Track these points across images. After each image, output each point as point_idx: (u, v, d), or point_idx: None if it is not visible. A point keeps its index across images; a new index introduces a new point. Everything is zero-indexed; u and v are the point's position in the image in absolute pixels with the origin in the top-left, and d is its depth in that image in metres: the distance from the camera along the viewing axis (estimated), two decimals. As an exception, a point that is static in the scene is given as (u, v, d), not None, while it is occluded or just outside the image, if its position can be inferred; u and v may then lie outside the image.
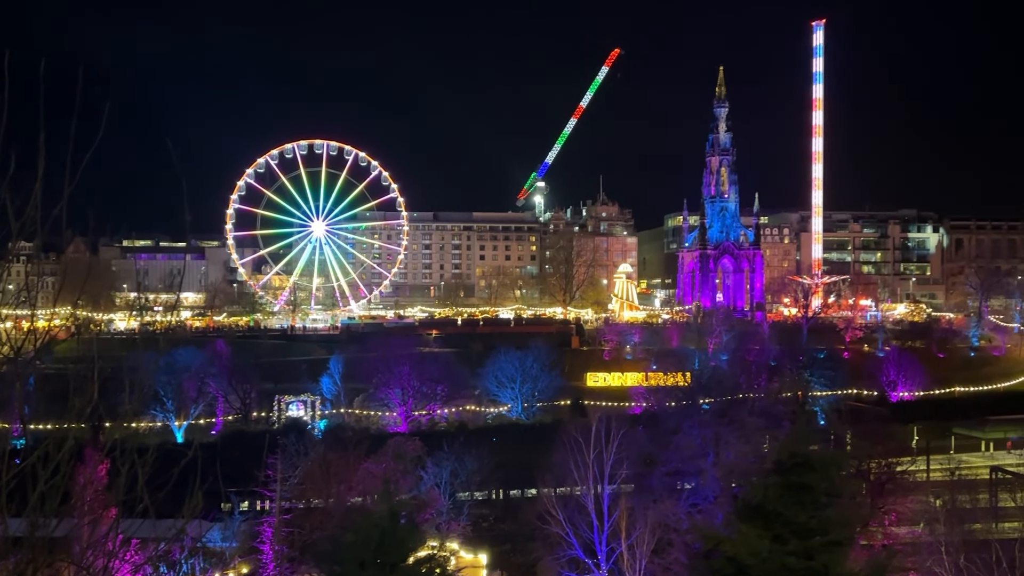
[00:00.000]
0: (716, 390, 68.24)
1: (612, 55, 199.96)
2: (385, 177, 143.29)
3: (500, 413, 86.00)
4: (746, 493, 16.58)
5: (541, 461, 53.46)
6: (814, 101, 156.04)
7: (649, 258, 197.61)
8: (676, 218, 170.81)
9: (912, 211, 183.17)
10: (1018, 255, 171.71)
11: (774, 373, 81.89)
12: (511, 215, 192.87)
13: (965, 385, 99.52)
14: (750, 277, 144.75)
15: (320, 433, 72.22)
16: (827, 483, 17.62)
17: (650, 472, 52.92)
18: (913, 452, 68.35)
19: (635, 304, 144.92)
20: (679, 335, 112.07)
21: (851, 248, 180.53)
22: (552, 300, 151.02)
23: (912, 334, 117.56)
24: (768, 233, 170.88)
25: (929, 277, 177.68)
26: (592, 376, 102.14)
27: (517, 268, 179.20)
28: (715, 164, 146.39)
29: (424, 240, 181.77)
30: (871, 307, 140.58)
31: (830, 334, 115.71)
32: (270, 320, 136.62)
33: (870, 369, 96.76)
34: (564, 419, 71.81)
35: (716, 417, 57.54)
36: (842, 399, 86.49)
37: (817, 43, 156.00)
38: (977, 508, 46.28)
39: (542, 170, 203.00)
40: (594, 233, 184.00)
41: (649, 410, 76.58)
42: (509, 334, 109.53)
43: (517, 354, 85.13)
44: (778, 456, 17.84)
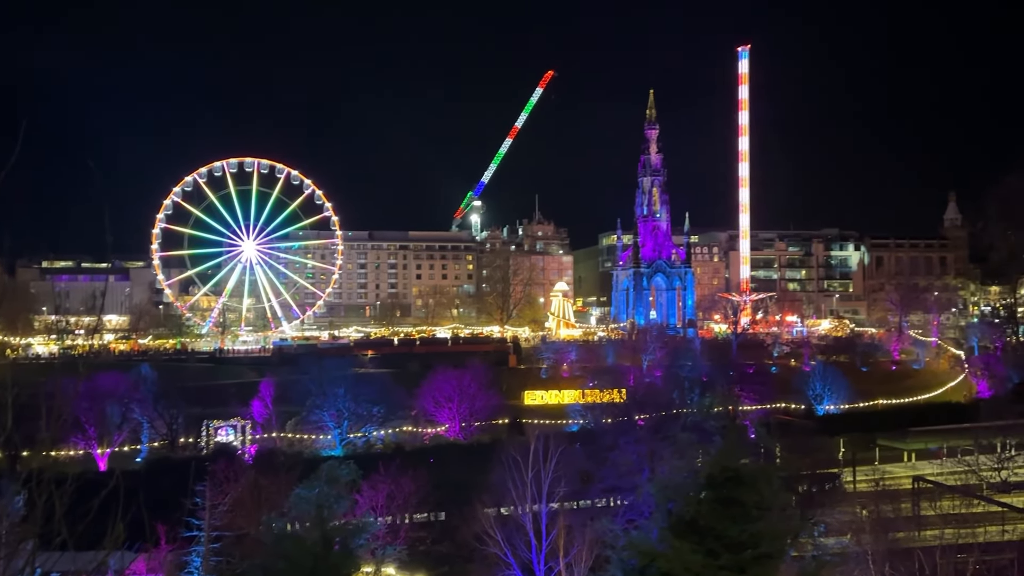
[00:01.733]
0: (651, 406, 69.26)
1: (546, 77, 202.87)
2: (319, 195, 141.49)
3: (438, 433, 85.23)
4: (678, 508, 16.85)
5: (479, 481, 53.20)
6: (740, 127, 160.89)
7: (585, 276, 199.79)
8: (610, 237, 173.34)
9: (834, 230, 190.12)
10: (934, 272, 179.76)
11: (706, 388, 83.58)
12: (448, 234, 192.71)
13: (888, 398, 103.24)
14: (682, 295, 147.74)
15: (250, 458, 70.42)
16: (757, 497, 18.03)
17: (587, 489, 53.25)
18: (840, 464, 70.59)
19: (571, 322, 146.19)
20: (615, 352, 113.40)
21: (777, 266, 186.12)
22: (489, 319, 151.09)
23: (836, 349, 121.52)
24: (699, 252, 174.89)
25: (851, 293, 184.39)
26: (530, 394, 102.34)
27: (454, 287, 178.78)
28: (647, 184, 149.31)
29: (359, 259, 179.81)
30: (797, 323, 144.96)
31: (759, 349, 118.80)
32: (198, 343, 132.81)
33: (797, 383, 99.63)
34: (502, 438, 71.69)
35: (651, 433, 58.39)
36: (771, 413, 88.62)
37: (742, 68, 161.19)
38: (900, 518, 47.94)
39: (478, 189, 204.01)
40: (530, 252, 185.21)
41: (586, 427, 77.21)
42: (446, 353, 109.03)
43: (454, 373, 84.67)
44: (709, 471, 18.20)
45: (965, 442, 69.14)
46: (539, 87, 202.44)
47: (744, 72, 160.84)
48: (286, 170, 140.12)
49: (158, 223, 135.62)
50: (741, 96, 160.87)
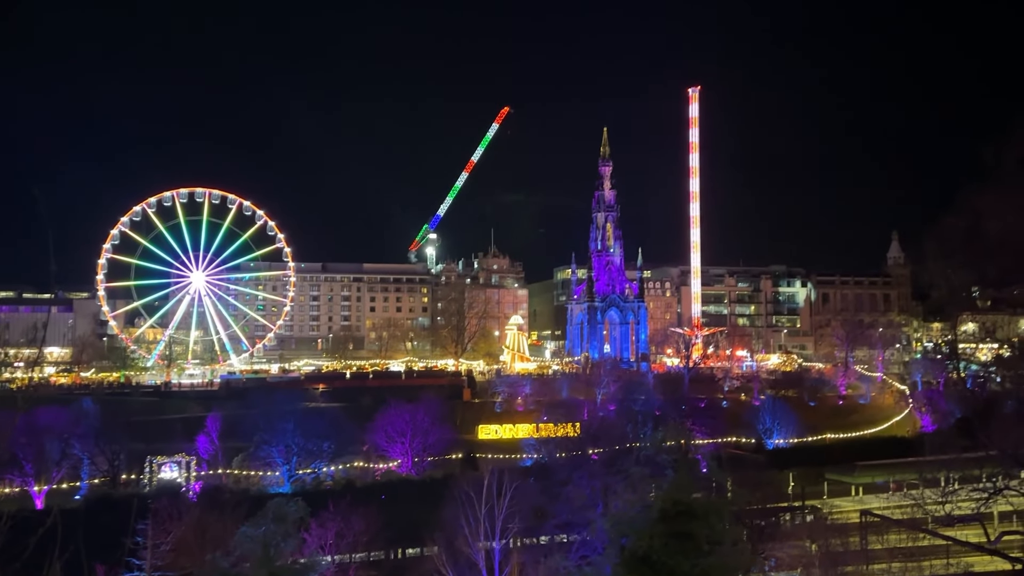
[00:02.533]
0: (604, 440, 69.36)
1: (502, 113, 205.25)
2: (271, 226, 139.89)
3: (390, 469, 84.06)
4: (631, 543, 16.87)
5: (432, 518, 52.54)
6: (691, 167, 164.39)
7: (540, 310, 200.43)
8: (565, 271, 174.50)
9: (782, 267, 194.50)
10: (878, 309, 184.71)
11: (659, 422, 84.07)
12: (403, 266, 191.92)
13: (835, 432, 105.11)
14: (635, 329, 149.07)
15: (195, 496, 68.57)
16: (709, 531, 18.21)
17: (541, 525, 52.89)
18: (789, 498, 71.38)
19: (526, 355, 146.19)
20: (569, 386, 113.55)
21: (727, 301, 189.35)
22: (444, 352, 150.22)
23: (785, 383, 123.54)
24: (651, 287, 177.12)
25: (799, 329, 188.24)
26: (484, 428, 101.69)
27: (408, 320, 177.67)
28: (601, 220, 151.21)
29: (312, 291, 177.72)
30: (747, 358, 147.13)
31: (710, 384, 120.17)
32: (143, 376, 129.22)
33: (747, 417, 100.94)
34: (455, 473, 71.05)
35: (605, 467, 58.40)
36: (722, 447, 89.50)
37: (693, 109, 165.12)
38: (849, 552, 48.60)
39: (434, 222, 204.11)
40: (486, 285, 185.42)
41: (540, 462, 76.87)
42: (400, 387, 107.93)
43: (408, 407, 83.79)
44: (662, 505, 18.32)
45: (910, 476, 70.53)
46: (495, 123, 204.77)
47: (694, 114, 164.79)
48: (238, 200, 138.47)
49: (104, 253, 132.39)
50: (691, 137, 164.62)
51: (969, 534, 48.67)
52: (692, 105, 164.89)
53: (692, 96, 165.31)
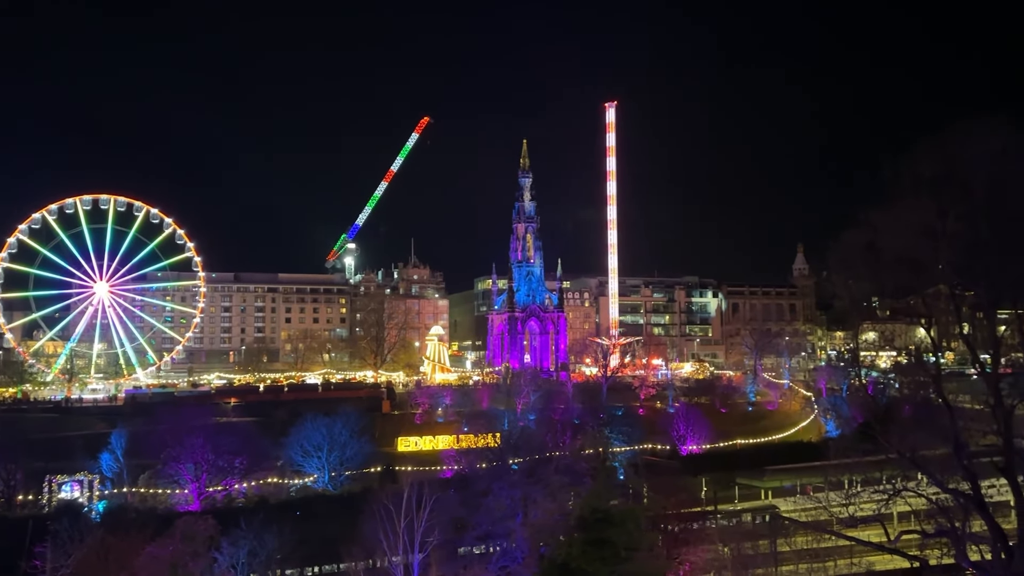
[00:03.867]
0: (525, 450, 69.69)
1: (422, 123, 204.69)
2: (180, 235, 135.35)
3: (305, 484, 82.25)
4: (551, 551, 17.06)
5: (350, 533, 51.69)
6: (608, 182, 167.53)
7: (460, 320, 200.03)
8: (486, 281, 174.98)
9: (695, 278, 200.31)
10: (785, 318, 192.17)
11: (578, 431, 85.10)
12: (320, 276, 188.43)
13: (745, 437, 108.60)
14: (555, 339, 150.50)
15: (98, 516, 65.69)
16: (626, 537, 18.59)
17: (462, 536, 52.69)
18: (703, 502, 73.31)
19: (447, 366, 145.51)
20: (489, 396, 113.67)
21: (643, 311, 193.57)
22: (363, 364, 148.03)
23: (698, 391, 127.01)
24: (570, 297, 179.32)
25: (711, 338, 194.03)
26: (403, 441, 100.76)
27: (326, 331, 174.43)
28: (521, 231, 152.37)
29: (224, 302, 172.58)
30: (662, 366, 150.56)
31: (627, 392, 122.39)
32: (41, 391, 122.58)
33: (662, 424, 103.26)
34: (374, 487, 70.12)
35: (525, 477, 58.68)
36: (639, 454, 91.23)
37: (610, 124, 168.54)
38: (759, 554, 50.22)
39: (352, 232, 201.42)
40: (406, 295, 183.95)
41: (460, 473, 76.61)
42: (316, 400, 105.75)
43: (325, 421, 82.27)
44: (580, 513, 18.61)
45: (816, 479, 73.45)
46: (415, 132, 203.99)
47: (611, 128, 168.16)
48: (145, 208, 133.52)
49: (0, 262, 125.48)
50: (608, 136, 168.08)
51: (871, 534, 51.01)
52: (609, 119, 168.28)
53: (609, 110, 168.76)
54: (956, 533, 35.45)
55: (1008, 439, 33.23)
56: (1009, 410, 33.00)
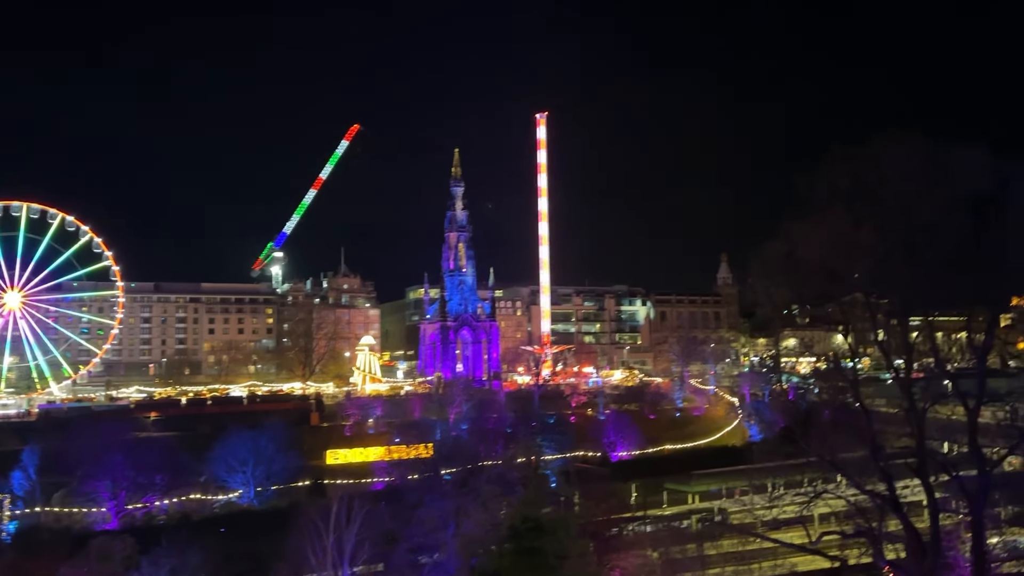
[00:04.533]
0: (457, 460, 69.40)
1: (352, 130, 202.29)
2: (97, 243, 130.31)
3: (230, 500, 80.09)
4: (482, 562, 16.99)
5: (276, 549, 50.56)
6: (539, 191, 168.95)
7: (392, 330, 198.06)
8: (418, 291, 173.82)
9: (624, 287, 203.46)
10: (710, 326, 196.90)
11: (510, 440, 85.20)
12: (245, 286, 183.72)
13: (673, 443, 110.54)
14: (487, 348, 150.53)
15: (9, 537, 62.66)
16: (557, 545, 18.66)
17: (393, 550, 52.04)
18: (632, 508, 74.24)
19: (378, 376, 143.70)
20: (421, 406, 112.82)
21: (575, 320, 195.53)
22: (290, 375, 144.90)
23: (627, 398, 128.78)
24: (503, 306, 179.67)
25: (640, 346, 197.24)
26: (333, 453, 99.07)
27: (251, 342, 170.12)
28: (453, 240, 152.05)
29: (143, 313, 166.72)
30: (593, 374, 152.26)
31: (558, 400, 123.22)
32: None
33: (593, 432, 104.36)
34: (302, 502, 68.88)
35: (457, 487, 58.39)
36: (570, 461, 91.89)
37: (540, 134, 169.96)
38: (687, 558, 51.09)
39: (280, 240, 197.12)
40: (335, 305, 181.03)
41: (392, 485, 75.84)
42: (242, 413, 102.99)
43: (250, 434, 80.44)
44: (511, 522, 18.58)
45: (741, 483, 75.32)
46: (345, 140, 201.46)
47: (542, 137, 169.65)
48: (60, 215, 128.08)
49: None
50: (539, 160, 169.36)
51: (793, 536, 52.47)
52: (540, 129, 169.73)
53: (540, 120, 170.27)
54: (873, 533, 36.79)
55: (921, 441, 34.71)
56: (921, 413, 34.48)
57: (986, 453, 34.91)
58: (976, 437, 33.97)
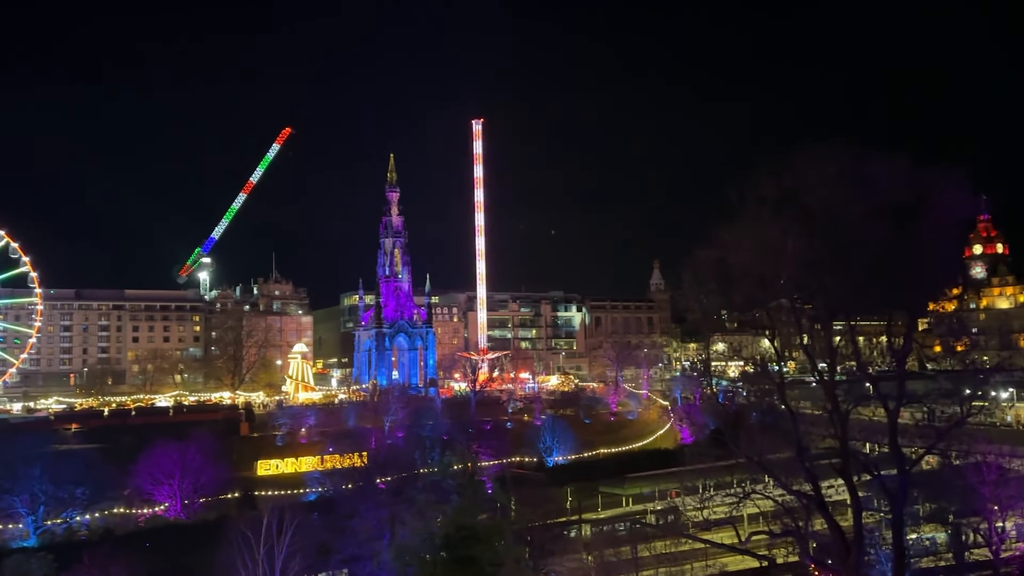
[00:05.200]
0: (392, 468, 68.72)
1: (284, 133, 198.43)
2: (14, 248, 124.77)
3: (156, 514, 77.50)
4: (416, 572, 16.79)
5: (205, 564, 49.16)
6: (475, 198, 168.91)
7: (325, 337, 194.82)
8: (352, 297, 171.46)
9: (560, 293, 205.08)
10: (643, 331, 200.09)
11: (446, 447, 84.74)
12: (171, 293, 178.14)
13: (608, 447, 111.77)
14: (424, 354, 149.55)
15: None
16: (491, 553, 18.59)
17: (326, 561, 51.17)
18: (568, 512, 74.71)
19: (311, 385, 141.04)
20: (356, 414, 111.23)
21: (511, 326, 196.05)
22: (219, 384, 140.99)
23: (563, 403, 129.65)
24: (439, 312, 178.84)
25: (576, 351, 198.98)
26: (264, 464, 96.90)
27: (178, 351, 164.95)
28: (389, 245, 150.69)
29: (63, 321, 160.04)
30: (529, 379, 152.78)
31: (495, 406, 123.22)
32: None
33: (530, 437, 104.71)
34: (231, 514, 67.12)
35: (392, 496, 57.83)
36: (507, 467, 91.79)
37: (476, 140, 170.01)
38: (621, 561, 51.65)
39: (207, 245, 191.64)
40: (266, 312, 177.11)
41: (325, 495, 74.58)
42: (168, 424, 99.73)
43: (177, 446, 77.96)
44: (446, 531, 18.44)
45: (673, 485, 76.65)
46: (276, 143, 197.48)
47: (478, 145, 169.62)
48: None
49: None
50: (475, 168, 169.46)
51: (723, 536, 53.68)
52: (477, 143, 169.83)
53: (476, 127, 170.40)
54: (800, 532, 37.88)
55: (844, 442, 35.94)
56: (844, 415, 35.70)
57: (906, 453, 36.37)
58: (896, 437, 35.34)
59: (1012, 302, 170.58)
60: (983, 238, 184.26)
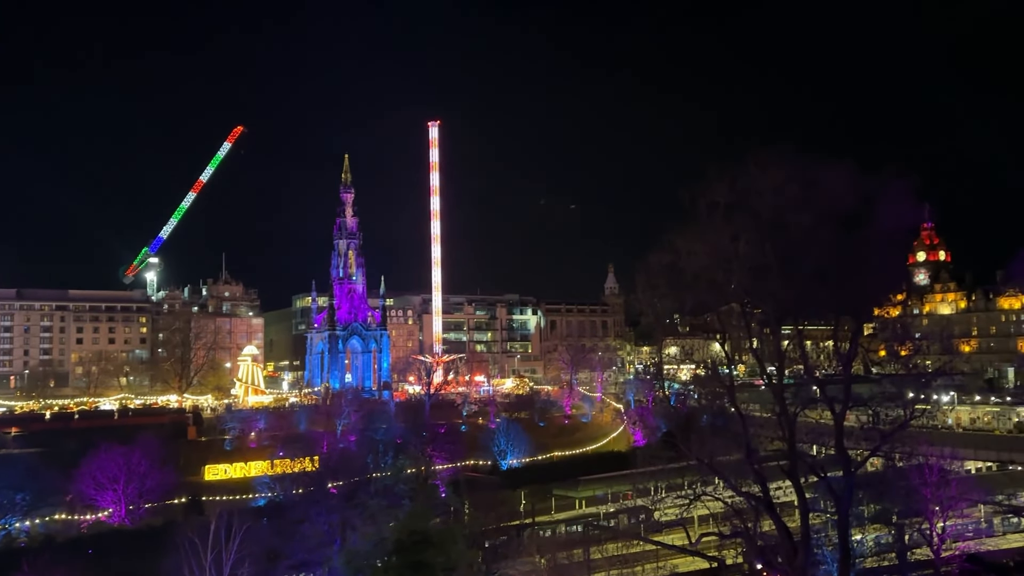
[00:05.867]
0: (344, 473, 67.93)
1: (235, 132, 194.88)
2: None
3: (99, 520, 75.54)
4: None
5: (150, 570, 48.05)
6: (431, 201, 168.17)
7: (277, 340, 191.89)
8: (305, 299, 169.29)
9: (515, 296, 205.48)
10: (598, 334, 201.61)
11: (400, 450, 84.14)
12: (117, 293, 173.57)
13: (562, 450, 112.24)
14: (378, 357, 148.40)
15: None
16: (444, 557, 18.46)
17: (275, 567, 50.36)
18: (521, 515, 74.82)
19: (261, 388, 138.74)
20: (308, 418, 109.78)
21: (466, 328, 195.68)
22: (166, 387, 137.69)
23: (518, 406, 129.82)
24: (394, 314, 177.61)
25: (531, 354, 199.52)
26: (212, 469, 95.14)
27: (124, 352, 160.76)
28: (343, 247, 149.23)
29: (4, 321, 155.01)
30: (484, 382, 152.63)
31: (450, 409, 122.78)
32: None
33: (484, 440, 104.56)
34: (178, 520, 65.75)
35: (344, 501, 57.16)
36: (461, 470, 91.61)
37: (432, 142, 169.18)
38: (574, 563, 51.84)
39: (155, 245, 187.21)
40: (216, 314, 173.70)
41: (275, 500, 73.53)
42: (113, 428, 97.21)
43: (122, 450, 76.16)
44: (398, 536, 18.25)
45: (626, 487, 77.28)
46: (227, 142, 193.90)
47: (434, 153, 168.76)
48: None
49: None
50: (432, 175, 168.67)
51: (675, 538, 54.32)
52: (432, 144, 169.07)
53: (432, 131, 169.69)
54: (749, 533, 38.44)
55: (792, 444, 36.58)
56: (792, 417, 36.34)
57: (851, 455, 37.17)
58: (842, 440, 36.08)
59: (953, 308, 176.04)
60: (926, 245, 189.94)
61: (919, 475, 48.29)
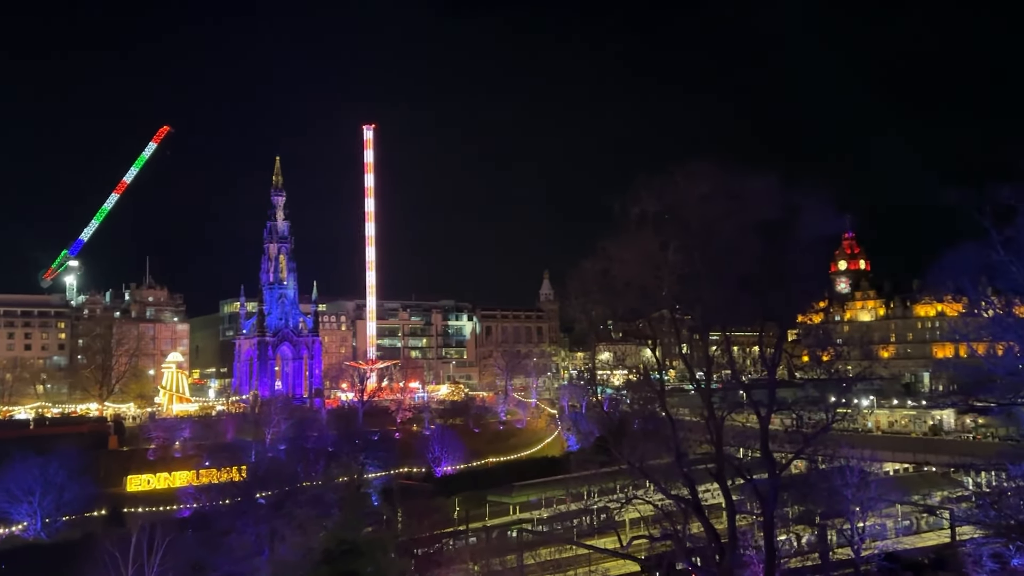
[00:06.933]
0: (273, 482, 66.57)
1: (161, 132, 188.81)
2: None
3: (13, 534, 72.27)
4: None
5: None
6: (365, 206, 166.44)
7: (203, 346, 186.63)
8: (233, 304, 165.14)
9: (451, 301, 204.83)
10: (533, 340, 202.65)
11: (332, 459, 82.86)
12: (33, 298, 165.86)
13: (497, 455, 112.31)
14: (309, 364, 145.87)
15: None
16: (374, 567, 18.21)
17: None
18: (455, 523, 74.47)
19: (187, 396, 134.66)
20: (235, 427, 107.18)
21: (401, 334, 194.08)
22: (86, 395, 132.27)
23: (453, 412, 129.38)
24: (327, 320, 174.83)
25: (466, 360, 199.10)
26: (134, 479, 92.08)
27: (40, 359, 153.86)
28: (274, 251, 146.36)
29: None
30: (419, 389, 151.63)
31: (384, 416, 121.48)
32: None
33: (419, 447, 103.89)
34: (97, 532, 63.31)
35: (273, 511, 55.95)
36: (394, 478, 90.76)
37: (367, 146, 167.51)
38: (507, 570, 51.88)
39: (75, 248, 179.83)
40: (139, 319, 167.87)
41: (200, 511, 71.55)
42: (28, 438, 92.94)
43: (38, 460, 73.01)
44: (326, 545, 17.94)
45: (559, 492, 77.76)
46: (153, 142, 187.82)
47: (370, 161, 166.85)
48: None
49: None
50: (367, 176, 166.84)
51: (607, 541, 54.88)
52: (367, 145, 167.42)
53: (368, 134, 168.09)
54: (678, 535, 39.18)
55: (719, 447, 37.47)
56: (720, 421, 37.25)
57: (776, 457, 38.27)
58: (767, 443, 37.13)
59: (873, 315, 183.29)
60: (847, 255, 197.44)
61: (840, 477, 49.95)
